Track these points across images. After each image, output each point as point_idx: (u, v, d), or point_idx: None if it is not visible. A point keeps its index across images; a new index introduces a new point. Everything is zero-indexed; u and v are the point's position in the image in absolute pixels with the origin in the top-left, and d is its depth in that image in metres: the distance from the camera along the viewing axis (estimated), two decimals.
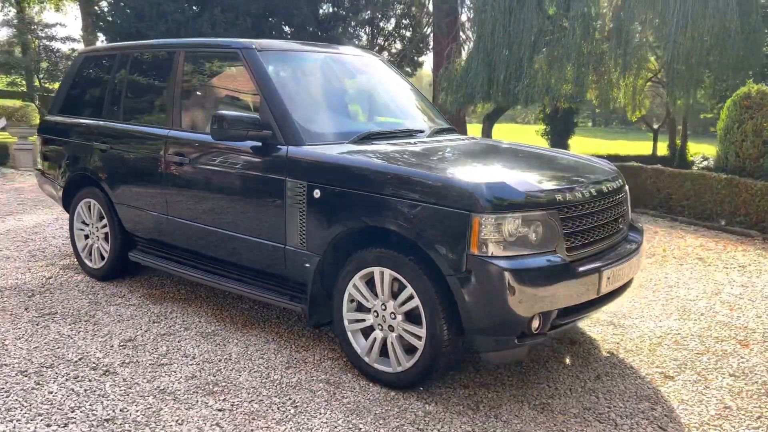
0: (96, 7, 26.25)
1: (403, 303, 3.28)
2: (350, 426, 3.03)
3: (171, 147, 4.29)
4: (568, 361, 3.87)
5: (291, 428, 3.00)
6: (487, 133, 19.12)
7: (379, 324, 3.41)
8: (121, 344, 3.90)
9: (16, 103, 28.49)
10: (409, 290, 3.23)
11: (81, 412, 3.09)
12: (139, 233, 4.77)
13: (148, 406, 3.17)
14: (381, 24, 32.56)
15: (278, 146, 3.70)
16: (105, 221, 4.95)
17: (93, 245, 5.12)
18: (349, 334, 3.53)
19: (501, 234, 3.00)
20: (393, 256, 3.28)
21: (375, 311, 3.41)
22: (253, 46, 4.03)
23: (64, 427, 2.96)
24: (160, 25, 22.10)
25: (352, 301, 3.50)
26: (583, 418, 3.18)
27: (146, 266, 4.88)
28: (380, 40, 33.81)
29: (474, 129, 29.91)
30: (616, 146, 23.98)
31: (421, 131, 4.26)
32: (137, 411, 3.12)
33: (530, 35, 16.27)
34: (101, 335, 4.03)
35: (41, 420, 3.01)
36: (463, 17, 21.26)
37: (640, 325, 4.47)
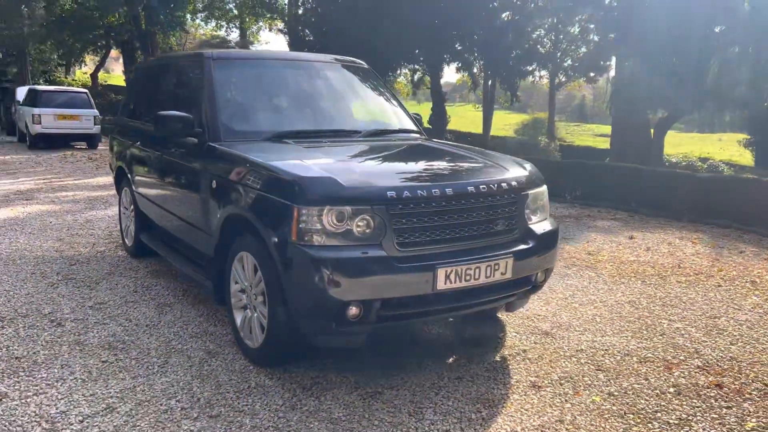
0: (300, 27, 29.12)
1: (258, 285, 3.61)
2: (185, 386, 3.44)
3: (150, 141, 5.03)
4: (451, 360, 3.87)
5: (139, 382, 3.49)
6: (657, 140, 17.86)
7: (248, 303, 3.77)
8: (91, 306, 4.69)
9: None
10: (260, 273, 3.55)
11: (6, 350, 3.88)
12: (148, 216, 5.59)
13: (55, 352, 3.86)
14: (567, 29, 31.64)
15: (205, 143, 4.22)
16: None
17: (128, 226, 6.07)
18: (234, 311, 3.93)
19: (321, 225, 3.21)
20: (251, 242, 3.62)
21: (246, 292, 3.78)
22: (209, 56, 4.60)
23: None
24: (339, 41, 23.86)
25: (237, 282, 3.90)
26: (398, 409, 3.25)
27: None
28: (564, 45, 32.84)
29: (672, 136, 27.51)
30: None
31: (357, 132, 4.50)
32: (44, 354, 3.83)
33: (698, 37, 15.05)
34: (85, 297, 4.86)
35: None
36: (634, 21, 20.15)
37: (576, 337, 4.25)
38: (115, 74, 49.95)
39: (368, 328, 3.35)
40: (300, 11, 31.36)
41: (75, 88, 22.25)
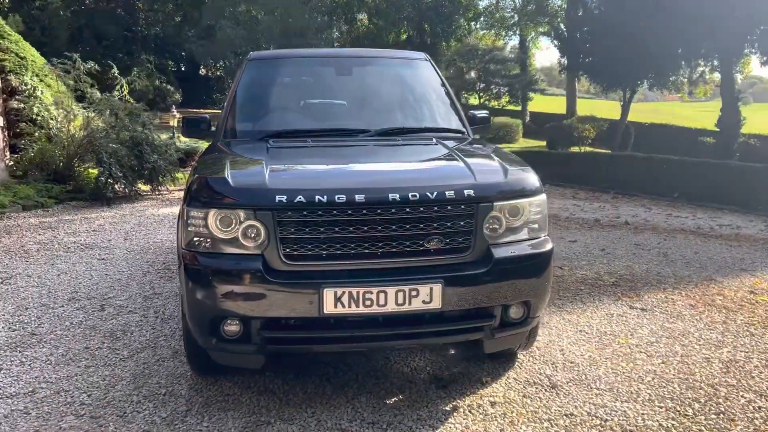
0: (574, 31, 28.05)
1: None
2: (113, 382, 3.45)
3: None
4: (392, 400, 3.24)
5: (86, 372, 3.59)
6: None
7: None
8: (146, 296, 5.01)
9: (505, 119, 32.52)
10: None
11: (36, 326, 4.32)
12: None
13: (66, 334, 4.19)
14: None
15: (215, 143, 4.22)
16: None
17: None
18: None
19: (208, 229, 2.96)
20: None
21: None
22: (248, 57, 4.59)
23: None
24: (607, 41, 22.36)
25: None
26: None
27: None
28: None
29: None
30: None
31: (364, 131, 4.03)
32: (56, 334, 4.17)
33: None
34: (152, 287, 5.23)
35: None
36: None
37: (584, 398, 3.25)
38: None
39: (252, 349, 2.98)
40: (579, 13, 29.97)
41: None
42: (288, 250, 2.88)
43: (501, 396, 3.26)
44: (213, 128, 4.36)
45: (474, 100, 24.37)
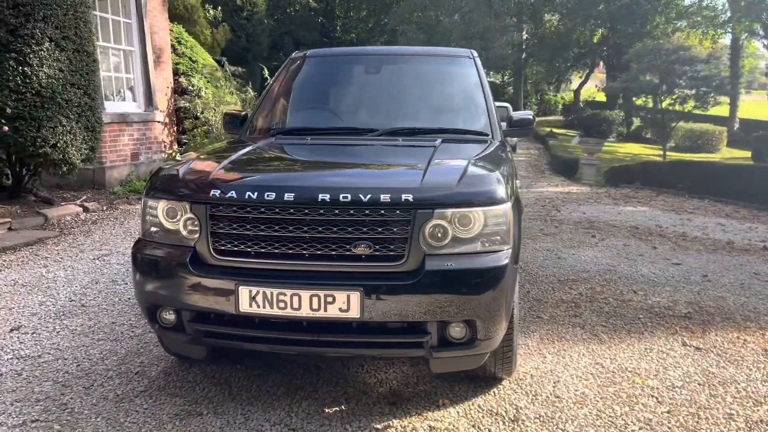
0: None
1: None
2: (104, 356, 3.73)
3: None
4: (333, 410, 3.10)
5: (92, 346, 3.92)
6: None
7: None
8: None
9: (707, 126, 29.56)
10: None
11: (92, 299, 4.79)
12: None
13: (105, 309, 4.60)
14: None
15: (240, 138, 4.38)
16: None
17: None
18: None
19: (158, 219, 3.09)
20: None
21: None
22: (302, 53, 4.68)
23: (47, 300, 4.76)
24: None
25: None
26: None
27: None
28: None
29: None
30: None
31: (372, 130, 3.92)
32: (99, 308, 4.60)
33: None
34: None
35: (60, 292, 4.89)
36: None
37: None
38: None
39: (185, 339, 3.05)
40: None
41: None
42: (217, 244, 2.90)
43: (447, 422, 2.98)
44: None
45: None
